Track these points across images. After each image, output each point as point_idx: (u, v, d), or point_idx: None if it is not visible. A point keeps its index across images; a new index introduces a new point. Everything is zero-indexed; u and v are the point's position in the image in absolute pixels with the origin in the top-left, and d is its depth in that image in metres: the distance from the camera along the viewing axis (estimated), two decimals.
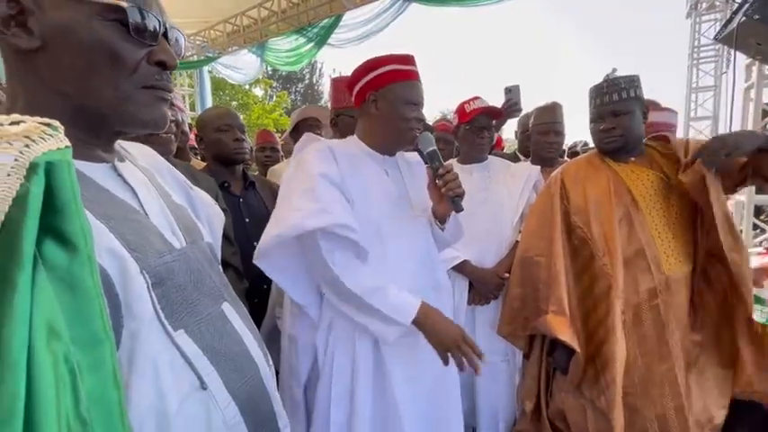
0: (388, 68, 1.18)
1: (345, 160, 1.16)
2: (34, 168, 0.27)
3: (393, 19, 5.24)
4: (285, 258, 1.13)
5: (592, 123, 1.47)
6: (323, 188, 1.08)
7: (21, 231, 0.27)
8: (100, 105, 0.51)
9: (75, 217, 0.31)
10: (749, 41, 1.77)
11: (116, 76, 0.51)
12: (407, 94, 1.18)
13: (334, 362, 1.14)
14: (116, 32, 0.50)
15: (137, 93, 0.53)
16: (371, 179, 1.19)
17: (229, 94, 14.52)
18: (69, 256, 0.31)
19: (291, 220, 1.04)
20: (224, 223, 0.87)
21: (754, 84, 3.79)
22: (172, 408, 0.49)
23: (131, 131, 0.57)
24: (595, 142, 1.49)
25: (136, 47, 0.52)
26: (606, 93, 1.40)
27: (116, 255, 0.47)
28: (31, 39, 0.47)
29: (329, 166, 1.13)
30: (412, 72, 1.20)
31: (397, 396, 1.11)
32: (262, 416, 0.61)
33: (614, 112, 1.39)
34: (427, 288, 1.22)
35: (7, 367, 0.27)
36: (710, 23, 6.21)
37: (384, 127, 1.21)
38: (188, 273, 0.58)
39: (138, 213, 0.55)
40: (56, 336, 0.30)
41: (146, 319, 0.49)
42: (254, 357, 0.62)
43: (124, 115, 0.53)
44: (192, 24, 6.86)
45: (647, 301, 1.32)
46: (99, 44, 0.49)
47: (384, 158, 1.26)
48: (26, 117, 0.29)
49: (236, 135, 1.64)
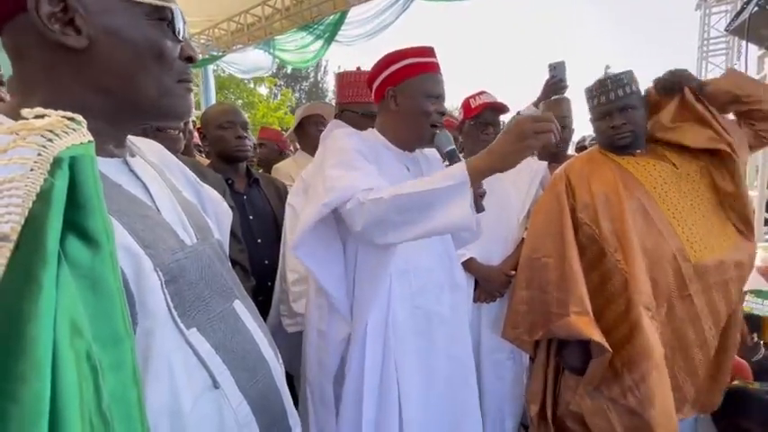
0: (407, 62, 1.16)
1: (368, 150, 1.16)
2: (58, 163, 0.27)
3: (400, 13, 5.20)
4: (321, 247, 1.11)
5: (597, 121, 1.45)
6: (360, 160, 1.07)
7: (45, 227, 0.27)
8: (142, 100, 0.54)
9: (98, 213, 0.31)
10: (762, 32, 1.74)
11: (160, 72, 0.54)
12: (427, 87, 1.15)
13: (365, 359, 1.11)
14: (161, 31, 0.53)
15: (174, 86, 0.56)
16: (391, 173, 1.17)
17: (234, 93, 14.55)
18: (92, 253, 0.31)
19: (338, 186, 0.99)
20: (231, 220, 0.87)
21: (766, 76, 3.74)
22: (186, 407, 0.49)
23: (164, 123, 0.60)
24: (604, 140, 1.46)
25: (174, 44, 0.55)
26: (611, 89, 1.39)
27: (130, 252, 0.47)
28: (79, 38, 0.48)
29: (360, 144, 1.13)
30: (431, 64, 1.17)
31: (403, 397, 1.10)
32: (273, 414, 0.61)
33: (622, 108, 1.38)
34: (444, 286, 1.20)
35: (32, 367, 0.26)
36: (720, 15, 6.13)
37: (404, 122, 1.19)
38: (199, 270, 0.58)
39: (150, 209, 0.55)
40: (78, 333, 0.29)
41: (160, 317, 0.49)
42: (265, 356, 0.62)
43: (163, 108, 0.56)
44: (196, 23, 6.86)
45: (678, 291, 1.30)
46: (149, 43, 0.52)
47: (404, 154, 1.24)
48: (50, 111, 0.29)
49: (237, 132, 1.63)
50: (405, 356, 1.12)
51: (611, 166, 1.43)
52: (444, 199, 0.91)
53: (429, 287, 1.07)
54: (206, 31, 7.15)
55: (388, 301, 1.13)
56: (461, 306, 1.26)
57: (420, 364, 1.15)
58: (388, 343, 1.11)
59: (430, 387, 1.16)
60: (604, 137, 1.45)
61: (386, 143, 1.23)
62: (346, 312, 1.17)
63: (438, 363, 1.18)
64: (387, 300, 1.13)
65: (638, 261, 1.29)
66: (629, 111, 1.38)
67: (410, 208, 0.93)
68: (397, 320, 1.13)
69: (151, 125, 1.18)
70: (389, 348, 1.11)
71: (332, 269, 1.14)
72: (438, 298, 1.19)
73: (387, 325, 1.12)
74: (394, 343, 1.12)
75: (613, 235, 1.34)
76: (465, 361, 1.25)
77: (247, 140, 1.67)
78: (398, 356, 1.11)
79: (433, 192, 0.91)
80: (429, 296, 1.16)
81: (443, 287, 1.19)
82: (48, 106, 0.32)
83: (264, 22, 6.36)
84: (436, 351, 1.17)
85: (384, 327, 1.12)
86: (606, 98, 1.40)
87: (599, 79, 1.43)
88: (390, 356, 1.11)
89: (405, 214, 0.94)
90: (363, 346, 1.11)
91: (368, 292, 1.13)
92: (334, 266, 1.15)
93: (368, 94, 1.63)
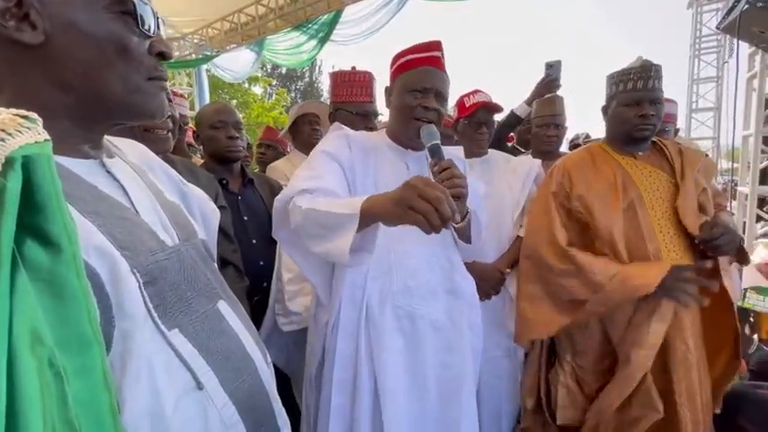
0: (402, 60, 1.18)
1: (360, 149, 1.16)
2: (10, 163, 0.26)
3: (396, 12, 5.19)
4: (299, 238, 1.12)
5: (624, 107, 1.37)
6: (321, 161, 1.11)
7: None
8: (107, 98, 0.52)
9: (57, 214, 0.30)
10: (752, 30, 1.75)
11: (126, 69, 0.52)
12: (411, 81, 1.15)
13: (336, 347, 1.12)
14: (123, 25, 0.51)
15: (144, 84, 0.54)
16: (387, 170, 1.18)
17: (229, 93, 14.48)
18: (52, 256, 0.30)
19: (290, 184, 1.07)
20: (220, 220, 0.85)
21: (757, 73, 3.76)
22: (168, 409, 0.48)
23: (134, 122, 0.58)
24: (624, 128, 1.40)
25: (140, 38, 0.53)
26: (651, 77, 1.34)
27: (105, 253, 0.46)
28: (35, 33, 0.46)
29: (338, 147, 1.15)
30: (424, 58, 1.15)
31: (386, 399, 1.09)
32: (260, 415, 0.60)
33: (654, 100, 1.35)
34: (437, 291, 1.17)
35: None
36: (712, 13, 6.16)
37: (395, 119, 1.22)
38: (181, 271, 0.56)
39: (127, 211, 0.54)
40: (39, 340, 0.28)
41: (138, 318, 0.48)
42: (251, 356, 0.61)
43: (133, 106, 0.54)
44: (189, 23, 6.83)
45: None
46: (108, 37, 0.50)
47: (407, 152, 1.24)
48: (1, 109, 0.28)
49: (229, 132, 1.61)
50: (382, 352, 1.11)
51: (611, 163, 1.43)
52: (338, 226, 0.89)
53: (415, 289, 1.05)
54: (199, 30, 7.11)
55: (363, 296, 1.13)
56: (462, 314, 1.20)
57: (405, 365, 1.13)
58: (361, 336, 1.12)
59: (419, 395, 1.13)
60: (628, 125, 1.38)
61: (389, 142, 1.25)
62: (324, 297, 1.19)
63: (428, 370, 1.14)
64: (362, 295, 1.13)
65: (623, 258, 1.33)
66: (658, 105, 1.36)
67: (317, 223, 0.94)
68: (373, 316, 1.12)
69: (129, 125, 1.17)
70: (364, 341, 1.12)
71: (306, 255, 1.16)
72: (427, 301, 1.16)
73: (360, 319, 1.13)
74: (373, 336, 1.11)
75: (606, 231, 1.36)
76: (461, 371, 1.18)
77: (239, 140, 1.65)
78: (376, 351, 1.11)
79: (331, 215, 0.90)
80: (415, 298, 1.14)
81: (436, 291, 1.17)
82: (14, 106, 0.31)
83: (258, 22, 6.34)
84: (425, 356, 1.14)
85: (357, 320, 1.13)
86: (644, 85, 1.34)
87: (642, 63, 1.38)
88: (363, 349, 1.11)
89: (314, 228, 0.95)
90: (335, 336, 1.13)
91: (341, 284, 1.14)
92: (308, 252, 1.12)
93: (361, 93, 1.63)
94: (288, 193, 1.07)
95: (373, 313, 1.12)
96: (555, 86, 1.95)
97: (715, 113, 6.65)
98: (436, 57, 1.15)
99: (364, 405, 1.09)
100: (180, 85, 8.35)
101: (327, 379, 1.13)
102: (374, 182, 1.15)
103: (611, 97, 1.43)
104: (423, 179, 0.79)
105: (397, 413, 1.09)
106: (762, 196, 4.14)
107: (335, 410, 1.10)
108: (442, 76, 1.16)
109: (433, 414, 1.14)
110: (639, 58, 1.44)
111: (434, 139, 1.09)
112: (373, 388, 1.11)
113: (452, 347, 1.17)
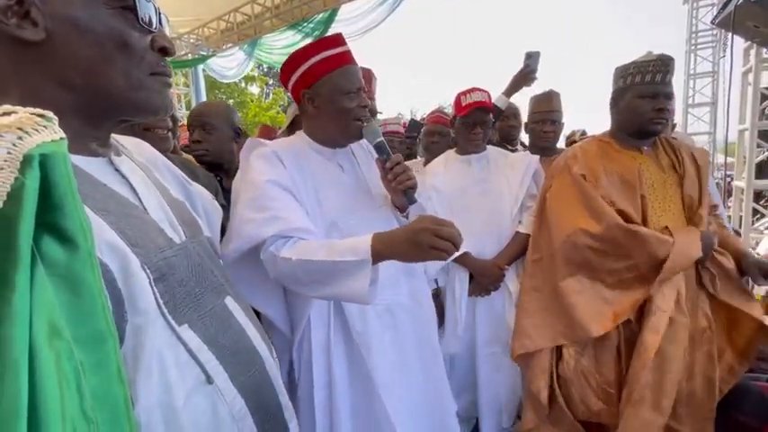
0: (316, 59, 1.09)
1: (292, 161, 1.10)
2: (28, 161, 0.26)
3: (391, 11, 5.19)
4: (245, 269, 1.07)
5: (639, 99, 1.35)
6: (272, 195, 1.03)
7: (17, 228, 0.26)
8: (111, 94, 0.52)
9: (73, 211, 0.30)
10: (747, 24, 1.76)
11: (127, 65, 0.52)
12: (342, 84, 1.09)
13: (312, 370, 1.11)
14: (124, 20, 0.51)
15: (147, 80, 0.54)
16: (323, 176, 1.14)
17: (226, 93, 14.44)
18: (69, 252, 0.31)
19: (245, 232, 1.00)
20: (222, 218, 0.86)
21: (752, 67, 3.78)
22: (179, 402, 0.49)
23: (140, 119, 0.57)
24: (637, 121, 1.38)
25: (141, 34, 0.53)
26: (669, 71, 1.33)
27: (116, 250, 0.47)
28: (36, 30, 0.46)
29: (276, 170, 1.06)
30: (341, 55, 1.10)
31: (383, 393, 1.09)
32: (268, 408, 0.61)
33: (669, 95, 1.35)
34: (398, 276, 1.19)
35: (8, 367, 0.26)
36: (708, 8, 6.18)
37: (327, 124, 1.14)
38: (189, 267, 0.57)
39: (136, 208, 0.55)
40: (57, 334, 0.29)
41: (150, 314, 0.49)
42: (258, 350, 0.62)
43: (136, 102, 0.54)
44: (185, 23, 6.80)
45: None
46: (109, 33, 0.50)
47: (335, 152, 1.20)
48: (18, 108, 0.28)
49: (194, 136, 1.55)
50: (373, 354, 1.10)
51: (616, 156, 1.44)
52: (346, 272, 0.92)
53: (383, 281, 1.02)
54: (195, 30, 7.08)
55: (329, 311, 1.12)
56: (420, 291, 1.26)
57: (395, 356, 1.15)
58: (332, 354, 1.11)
59: (407, 375, 1.17)
60: (641, 119, 1.36)
61: (315, 146, 1.18)
62: (284, 327, 1.16)
63: (410, 351, 1.18)
64: (327, 311, 1.12)
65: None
66: (672, 102, 1.37)
67: (315, 272, 0.95)
68: (354, 322, 1.11)
69: (134, 123, 1.16)
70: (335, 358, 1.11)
71: (257, 289, 1.10)
72: (395, 289, 1.17)
73: (330, 336, 1.11)
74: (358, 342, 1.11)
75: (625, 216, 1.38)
76: (432, 342, 1.28)
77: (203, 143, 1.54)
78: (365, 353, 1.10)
79: (337, 263, 0.92)
80: (386, 290, 1.13)
81: (398, 277, 1.18)
82: (22, 103, 0.31)
83: (254, 21, 6.32)
84: (405, 339, 1.17)
85: (327, 338, 1.11)
86: (662, 78, 1.33)
87: (660, 56, 1.35)
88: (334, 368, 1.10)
89: (311, 276, 0.96)
90: (309, 361, 1.11)
91: (304, 306, 1.11)
92: (259, 286, 1.11)
93: None
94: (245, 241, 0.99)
95: (354, 319, 1.11)
96: (531, 78, 1.92)
97: (711, 108, 6.68)
98: (349, 52, 1.13)
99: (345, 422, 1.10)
100: (177, 85, 8.33)
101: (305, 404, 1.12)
102: (315, 191, 1.11)
103: (625, 89, 1.40)
104: (431, 218, 0.88)
105: (395, 402, 1.10)
106: (758, 190, 4.17)
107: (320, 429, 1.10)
108: (360, 71, 1.15)
109: (417, 385, 1.19)
110: (650, 52, 1.40)
111: (378, 136, 1.11)
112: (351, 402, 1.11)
113: (422, 323, 1.24)
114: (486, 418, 1.76)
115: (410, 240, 0.87)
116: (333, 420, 1.10)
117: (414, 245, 0.86)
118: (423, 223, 0.87)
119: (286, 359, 1.16)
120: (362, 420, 1.11)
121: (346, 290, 0.93)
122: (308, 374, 1.12)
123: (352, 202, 1.15)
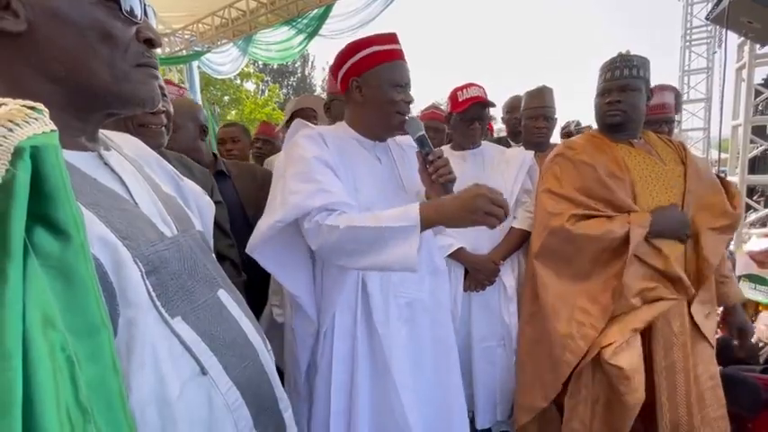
0: (369, 51, 1.13)
1: (335, 146, 1.14)
2: (20, 153, 0.27)
3: (386, 6, 5.16)
4: (280, 249, 1.12)
5: (598, 97, 1.48)
6: (319, 169, 1.06)
7: (9, 220, 0.26)
8: (95, 86, 0.51)
9: (65, 203, 0.30)
10: (740, 20, 1.77)
11: (111, 56, 0.51)
12: (392, 76, 1.14)
13: (333, 354, 1.14)
14: (106, 11, 0.50)
15: (132, 71, 0.53)
16: (361, 165, 1.18)
17: (221, 89, 14.35)
18: (61, 244, 0.31)
19: (292, 202, 1.02)
20: (216, 214, 0.87)
21: (745, 63, 3.80)
22: (173, 394, 0.49)
23: (127, 112, 0.57)
24: (599, 116, 1.49)
25: (125, 25, 0.52)
26: (618, 67, 1.40)
27: (107, 243, 0.47)
28: (17, 21, 0.46)
29: (321, 149, 1.11)
30: (395, 51, 1.15)
31: (398, 384, 1.11)
32: (263, 399, 0.62)
33: (622, 87, 1.40)
34: (423, 273, 1.21)
35: (2, 357, 0.26)
36: (703, 5, 6.20)
37: (371, 113, 1.18)
38: (181, 261, 0.57)
39: (127, 202, 0.55)
40: (51, 325, 0.29)
41: (142, 306, 0.49)
42: (252, 342, 0.63)
43: (122, 95, 0.53)
44: (179, 19, 6.74)
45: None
46: (91, 24, 0.49)
47: (375, 144, 1.23)
48: (8, 100, 0.28)
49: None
50: (392, 347, 1.13)
51: (606, 149, 1.46)
52: (394, 237, 0.95)
53: (410, 275, 1.07)
54: (190, 26, 7.02)
55: (357, 299, 1.14)
56: (441, 290, 1.28)
57: (409, 352, 1.17)
58: (357, 338, 1.14)
59: (419, 373, 1.18)
60: (599, 114, 1.48)
61: (355, 135, 1.21)
62: (312, 311, 1.18)
63: (425, 348, 1.20)
64: (355, 298, 1.14)
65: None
66: (629, 92, 1.39)
67: (362, 240, 0.97)
68: (378, 313, 1.14)
69: (129, 119, 1.15)
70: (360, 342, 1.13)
71: (295, 271, 1.15)
72: (418, 285, 1.20)
73: (356, 322, 1.14)
74: (379, 333, 1.13)
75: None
76: (448, 343, 1.29)
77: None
78: (386, 346, 1.12)
79: (386, 229, 0.95)
80: (410, 285, 1.17)
81: (423, 274, 1.20)
82: (8, 96, 0.31)
83: (249, 17, 6.27)
84: (422, 337, 1.19)
85: (353, 324, 1.14)
86: (611, 75, 1.42)
87: (611, 58, 1.44)
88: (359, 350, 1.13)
89: (357, 244, 0.98)
90: (331, 344, 1.14)
91: (333, 292, 1.14)
92: (297, 269, 1.15)
93: None
94: (291, 211, 1.01)
95: (377, 310, 1.14)
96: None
97: (706, 104, 6.71)
98: (402, 50, 1.17)
99: (363, 406, 1.12)
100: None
101: (322, 385, 1.15)
102: (353, 178, 1.14)
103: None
104: (486, 187, 0.94)
105: (408, 394, 1.12)
106: (751, 185, 4.20)
107: (336, 416, 1.12)
108: (409, 70, 1.19)
109: (429, 383, 1.21)
110: (619, 53, 1.49)
111: (420, 130, 1.14)
112: (371, 387, 1.13)
113: (440, 322, 1.26)
114: (481, 412, 1.77)
115: (464, 205, 0.93)
116: (352, 402, 1.12)
117: (468, 210, 0.93)
118: (479, 189, 0.93)
119: (309, 343, 1.19)
120: (379, 404, 1.14)
121: (393, 257, 0.95)
122: (329, 357, 1.14)
123: (386, 194, 1.18)
